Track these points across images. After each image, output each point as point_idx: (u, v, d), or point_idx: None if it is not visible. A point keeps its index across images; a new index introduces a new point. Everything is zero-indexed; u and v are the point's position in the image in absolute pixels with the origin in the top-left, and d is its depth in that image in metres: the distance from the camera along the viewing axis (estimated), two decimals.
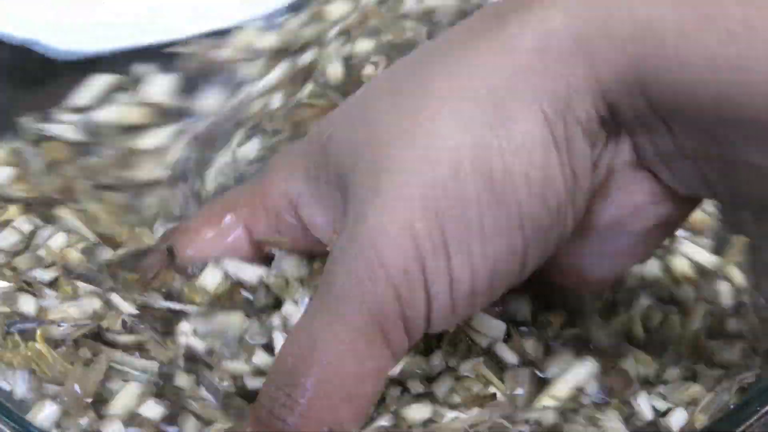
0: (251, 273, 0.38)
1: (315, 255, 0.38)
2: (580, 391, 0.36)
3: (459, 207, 0.31)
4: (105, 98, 0.49)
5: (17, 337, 0.36)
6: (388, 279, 0.31)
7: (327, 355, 0.32)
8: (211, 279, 0.38)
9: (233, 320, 0.37)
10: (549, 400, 0.36)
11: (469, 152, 0.31)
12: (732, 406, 0.35)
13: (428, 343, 0.36)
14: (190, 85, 0.49)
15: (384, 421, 0.34)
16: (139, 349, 0.37)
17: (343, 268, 0.32)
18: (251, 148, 0.45)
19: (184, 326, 0.37)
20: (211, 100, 0.48)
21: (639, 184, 0.33)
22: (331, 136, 0.35)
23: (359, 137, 0.33)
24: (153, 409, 0.35)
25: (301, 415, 0.32)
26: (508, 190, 0.31)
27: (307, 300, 0.37)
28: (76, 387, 0.35)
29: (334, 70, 0.45)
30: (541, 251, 0.32)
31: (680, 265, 0.42)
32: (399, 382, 0.36)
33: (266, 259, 0.39)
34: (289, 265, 0.38)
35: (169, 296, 0.38)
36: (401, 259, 0.31)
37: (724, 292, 0.42)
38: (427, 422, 0.35)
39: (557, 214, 0.32)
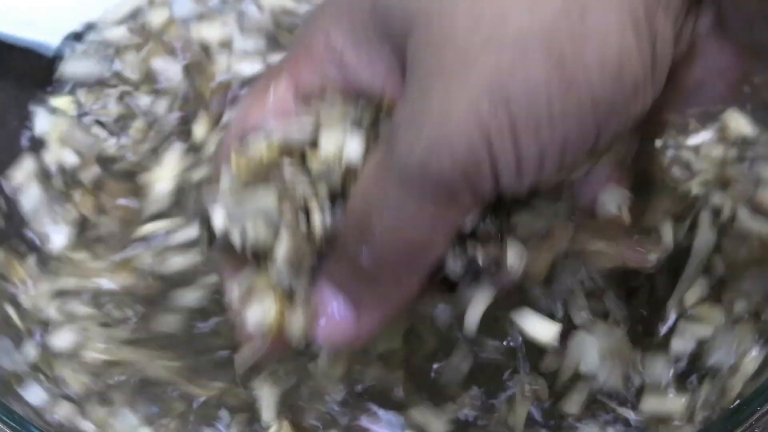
0: (299, 128, 0.35)
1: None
2: None
3: (527, 90, 0.30)
4: None
5: None
6: (453, 159, 0.31)
7: (397, 217, 0.32)
8: (252, 146, 0.35)
9: (265, 195, 0.34)
10: None
11: (538, 34, 0.30)
12: (732, 406, 0.34)
13: None
14: None
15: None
16: None
17: (408, 142, 0.31)
18: None
19: (217, 214, 0.34)
20: None
21: (721, 50, 0.33)
22: None
23: (415, 4, 0.32)
24: None
25: (376, 260, 0.33)
26: (579, 74, 0.30)
27: (350, 130, 0.35)
28: None
29: None
30: (615, 130, 0.32)
31: None
32: None
33: None
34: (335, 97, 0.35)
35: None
36: (467, 142, 0.30)
37: None
38: None
39: (634, 95, 0.31)
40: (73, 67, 0.50)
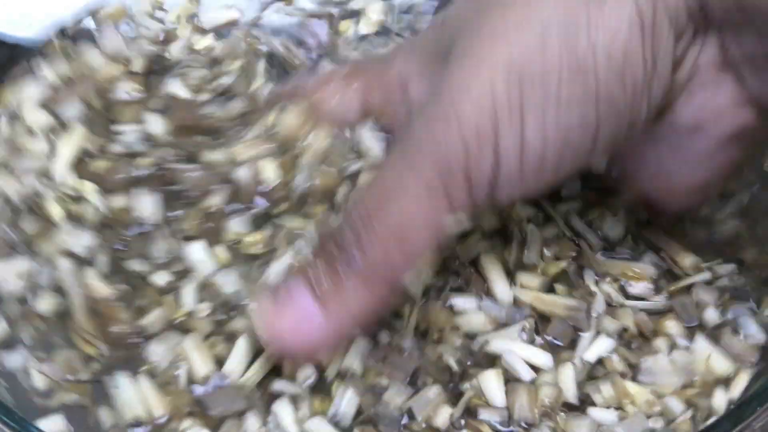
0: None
1: None
2: None
3: (540, 73, 0.32)
4: None
5: None
6: (459, 132, 0.33)
7: (393, 201, 0.34)
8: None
9: None
10: None
11: (558, 25, 0.32)
12: (732, 406, 0.35)
13: None
14: None
15: None
16: None
17: (423, 119, 0.34)
18: None
19: None
20: None
21: (723, 86, 0.34)
22: (447, 15, 0.37)
23: (470, 8, 0.35)
24: None
25: (360, 248, 0.34)
26: (589, 63, 0.32)
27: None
28: None
29: None
30: (612, 133, 0.34)
31: None
32: None
33: None
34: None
35: None
36: (476, 116, 0.33)
37: None
38: None
39: (633, 96, 0.33)
40: None
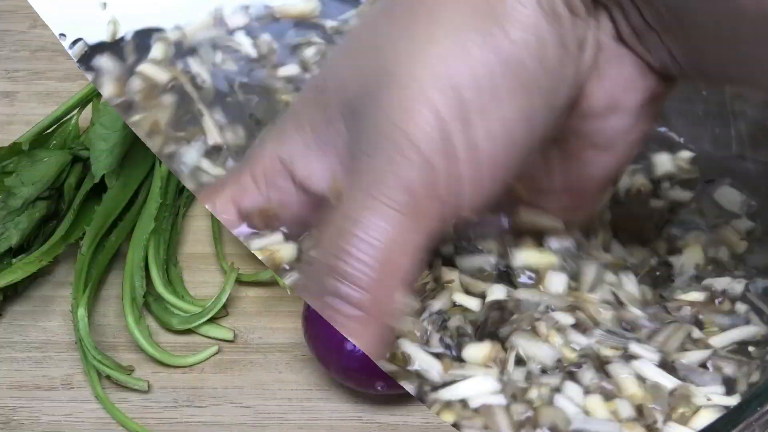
0: None
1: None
2: None
3: (471, 76, 0.33)
4: None
5: None
6: (418, 153, 0.33)
7: (367, 232, 0.33)
8: None
9: None
10: None
11: (467, 30, 0.33)
12: (732, 406, 0.35)
13: None
14: None
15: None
16: None
17: (365, 157, 0.34)
18: None
19: None
20: None
21: (626, 59, 0.36)
22: (328, 76, 0.37)
23: (369, 65, 0.35)
24: None
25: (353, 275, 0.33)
26: (514, 55, 0.33)
27: None
28: None
29: None
30: (545, 122, 0.34)
31: None
32: None
33: None
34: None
35: None
36: (427, 133, 0.33)
37: None
38: None
39: (553, 80, 0.34)
40: None
